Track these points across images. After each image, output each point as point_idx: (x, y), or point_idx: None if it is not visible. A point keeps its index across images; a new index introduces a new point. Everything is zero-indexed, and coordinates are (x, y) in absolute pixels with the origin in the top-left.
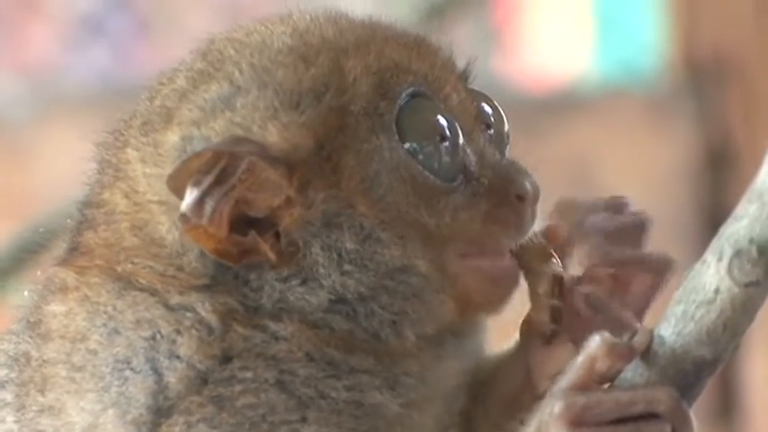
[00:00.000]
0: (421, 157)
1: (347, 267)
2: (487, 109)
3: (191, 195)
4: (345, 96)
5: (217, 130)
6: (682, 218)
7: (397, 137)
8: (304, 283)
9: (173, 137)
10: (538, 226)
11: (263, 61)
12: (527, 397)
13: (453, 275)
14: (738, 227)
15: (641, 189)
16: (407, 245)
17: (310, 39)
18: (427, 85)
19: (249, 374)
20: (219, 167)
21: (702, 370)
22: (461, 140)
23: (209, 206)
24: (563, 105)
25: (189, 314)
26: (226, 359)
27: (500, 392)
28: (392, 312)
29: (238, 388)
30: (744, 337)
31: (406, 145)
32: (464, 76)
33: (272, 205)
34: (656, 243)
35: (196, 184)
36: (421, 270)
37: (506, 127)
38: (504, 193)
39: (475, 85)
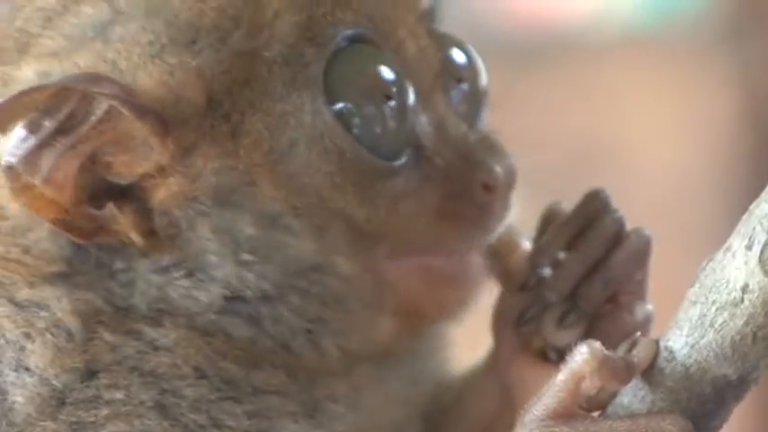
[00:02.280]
0: (355, 123)
1: (245, 257)
2: (459, 59)
3: (22, 141)
4: (259, 37)
5: (81, 66)
6: (718, 189)
7: (323, 96)
8: (190, 275)
9: (27, 71)
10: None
11: None
12: (506, 423)
13: (390, 282)
14: None
15: (672, 155)
16: (326, 238)
17: None
18: (374, 27)
19: (119, 395)
20: (66, 110)
21: (725, 393)
22: (412, 104)
23: (47, 160)
24: (569, 53)
25: (42, 313)
26: (89, 374)
27: (470, 420)
28: (305, 319)
29: (105, 412)
30: None
31: (337, 107)
32: (429, 17)
33: (139, 171)
34: (688, 219)
35: (31, 127)
36: (341, 271)
37: (483, 83)
38: (466, 180)
39: (449, 26)
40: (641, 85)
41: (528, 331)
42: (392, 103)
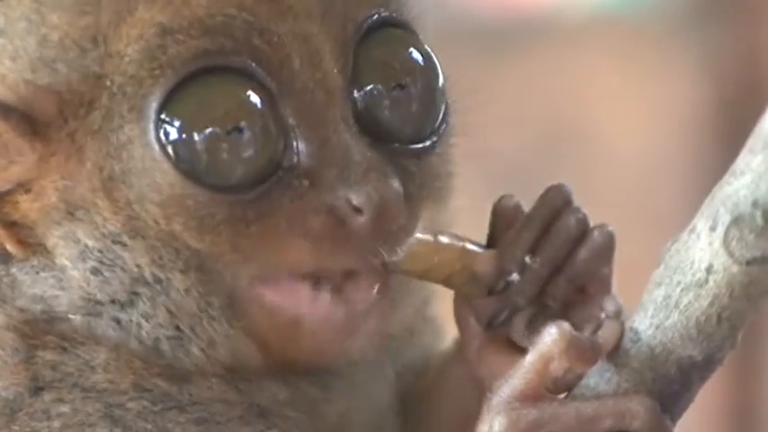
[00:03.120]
0: (185, 158)
1: (92, 264)
2: (405, 60)
3: None
4: (108, 64)
5: None
6: (687, 172)
7: (153, 129)
8: (54, 276)
9: None
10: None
11: None
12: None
13: (245, 305)
14: (738, 186)
15: (641, 138)
16: (162, 257)
17: None
18: (246, 49)
19: (66, 408)
20: None
21: (690, 374)
22: (274, 130)
23: None
24: (538, 36)
25: None
26: (36, 389)
27: (445, 412)
28: (160, 326)
29: (57, 423)
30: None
31: (167, 139)
32: (362, 18)
33: (12, 178)
34: (658, 203)
35: None
36: (178, 286)
37: (436, 83)
38: (337, 201)
39: (415, 10)
40: (610, 68)
41: (497, 333)
42: (242, 133)
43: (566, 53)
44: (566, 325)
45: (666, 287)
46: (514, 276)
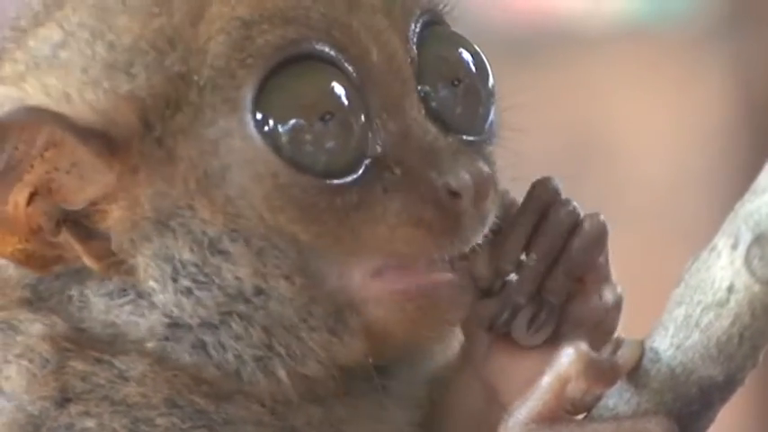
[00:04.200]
0: (291, 145)
1: (184, 283)
2: (458, 60)
3: None
4: (191, 61)
5: (29, 92)
6: (712, 183)
7: (252, 119)
8: (133, 300)
9: None
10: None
11: (109, 1)
12: (496, 418)
13: (359, 303)
14: (759, 204)
15: (665, 148)
16: (266, 261)
17: None
18: (326, 38)
19: (91, 423)
20: (8, 144)
21: (711, 395)
22: (365, 116)
23: None
24: (563, 46)
25: (18, 337)
26: (62, 401)
27: (459, 423)
28: (251, 346)
29: None
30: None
31: (269, 129)
32: (428, 15)
33: (88, 196)
34: (682, 213)
35: None
36: (283, 294)
37: (487, 84)
38: (431, 187)
39: (449, 17)
40: (636, 78)
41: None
42: (335, 119)
43: (592, 62)
44: (583, 345)
45: (687, 306)
46: (512, 275)
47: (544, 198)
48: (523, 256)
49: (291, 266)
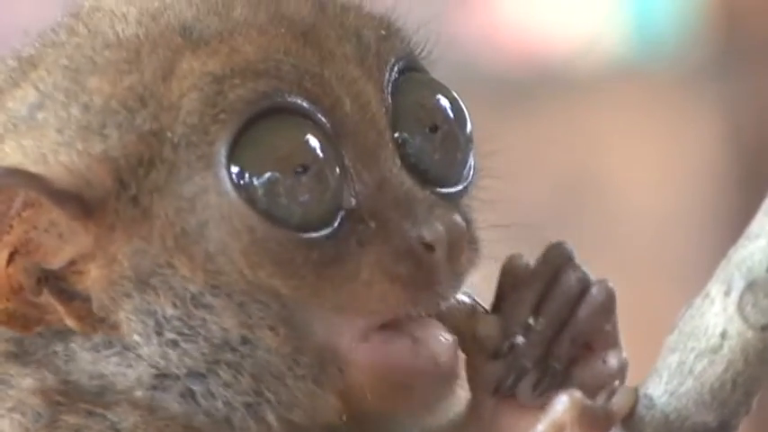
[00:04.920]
0: (265, 199)
1: (169, 336)
2: (434, 106)
3: None
4: (164, 118)
5: (8, 153)
6: (704, 224)
7: (226, 174)
8: (119, 353)
9: None
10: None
11: (81, 60)
12: None
13: (343, 364)
14: (752, 249)
15: (657, 189)
16: (250, 313)
17: (153, 26)
18: (298, 91)
19: None
20: None
21: None
22: (338, 170)
23: None
24: (555, 87)
25: (10, 392)
26: None
27: None
28: (240, 393)
29: None
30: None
31: (244, 184)
32: (391, 63)
33: (66, 257)
34: (674, 255)
35: None
36: (268, 344)
37: (465, 129)
38: (405, 240)
39: (436, 61)
40: (627, 120)
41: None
42: (310, 172)
43: (582, 104)
44: (577, 393)
45: (681, 353)
46: (519, 339)
47: (556, 262)
48: (531, 320)
49: (275, 318)
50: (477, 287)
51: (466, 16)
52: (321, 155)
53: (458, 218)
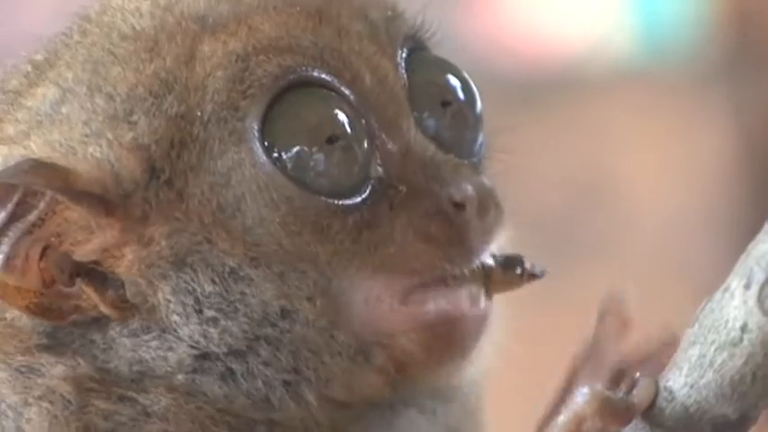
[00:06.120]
0: (300, 169)
1: (209, 314)
2: (445, 83)
3: None
4: (192, 98)
5: (33, 150)
6: (716, 225)
7: (260, 147)
8: (159, 336)
9: None
10: (505, 242)
11: (100, 53)
12: None
13: (386, 335)
14: None
15: (669, 191)
16: (289, 284)
17: (168, 17)
18: (321, 65)
19: None
20: (13, 200)
21: None
22: (367, 137)
23: (2, 250)
24: (565, 90)
25: (39, 380)
26: None
27: None
28: (279, 370)
29: None
30: None
31: (277, 156)
32: (411, 41)
33: (94, 249)
34: (687, 256)
35: None
36: (307, 316)
37: (475, 107)
38: (435, 201)
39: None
40: (637, 122)
41: None
42: (339, 142)
43: (592, 107)
44: (598, 385)
45: (701, 346)
46: None
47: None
48: None
49: (313, 287)
50: None
51: (476, 19)
52: (349, 124)
53: (484, 178)
